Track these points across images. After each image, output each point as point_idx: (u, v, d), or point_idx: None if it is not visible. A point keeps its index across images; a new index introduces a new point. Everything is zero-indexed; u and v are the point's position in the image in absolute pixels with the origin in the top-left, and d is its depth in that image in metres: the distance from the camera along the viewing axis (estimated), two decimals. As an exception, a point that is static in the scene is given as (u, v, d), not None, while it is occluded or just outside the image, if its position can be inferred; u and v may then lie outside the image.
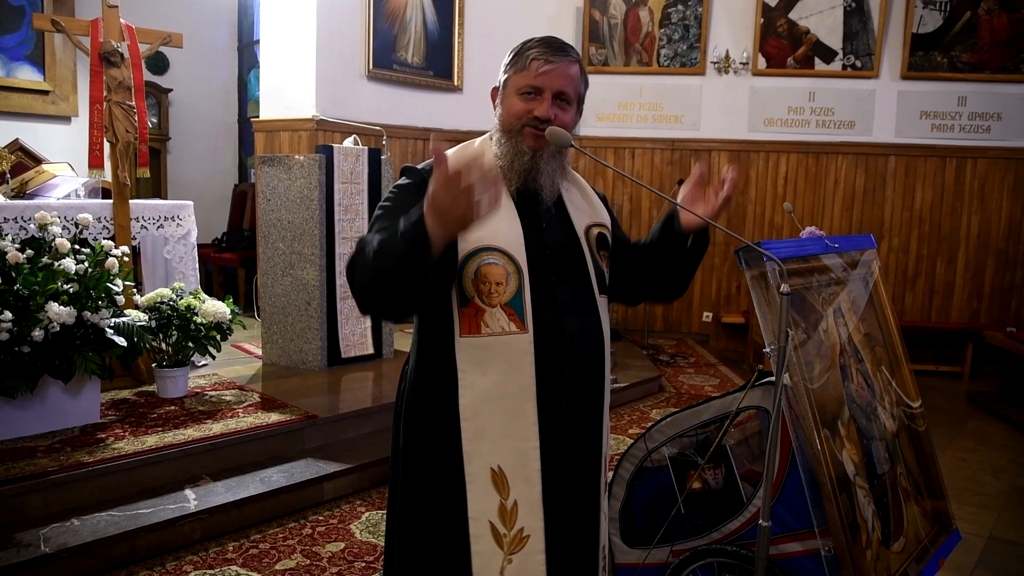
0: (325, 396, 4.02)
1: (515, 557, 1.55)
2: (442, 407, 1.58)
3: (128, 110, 3.90)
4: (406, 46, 6.04)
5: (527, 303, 1.54)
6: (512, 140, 1.59)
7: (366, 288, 1.44)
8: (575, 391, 1.61)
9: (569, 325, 1.59)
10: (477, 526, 1.56)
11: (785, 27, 6.34)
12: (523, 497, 1.55)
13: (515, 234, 1.56)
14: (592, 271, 1.66)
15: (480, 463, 1.55)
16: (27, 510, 2.77)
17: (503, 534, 1.55)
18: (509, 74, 1.62)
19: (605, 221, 1.76)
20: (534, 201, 1.63)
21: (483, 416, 1.54)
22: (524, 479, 1.55)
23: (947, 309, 6.41)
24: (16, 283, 3.00)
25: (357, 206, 4.59)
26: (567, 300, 1.60)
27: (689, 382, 5.51)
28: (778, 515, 1.93)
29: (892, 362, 2.46)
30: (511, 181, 1.59)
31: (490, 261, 1.53)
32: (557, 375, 1.57)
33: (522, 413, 1.54)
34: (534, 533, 1.56)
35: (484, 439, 1.55)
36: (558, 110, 1.58)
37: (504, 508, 1.55)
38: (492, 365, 1.53)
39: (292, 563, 2.78)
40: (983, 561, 3.03)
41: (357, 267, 1.45)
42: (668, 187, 6.49)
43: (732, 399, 2.05)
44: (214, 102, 7.89)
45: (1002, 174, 6.24)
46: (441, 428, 1.58)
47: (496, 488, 1.55)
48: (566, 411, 1.59)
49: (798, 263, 2.07)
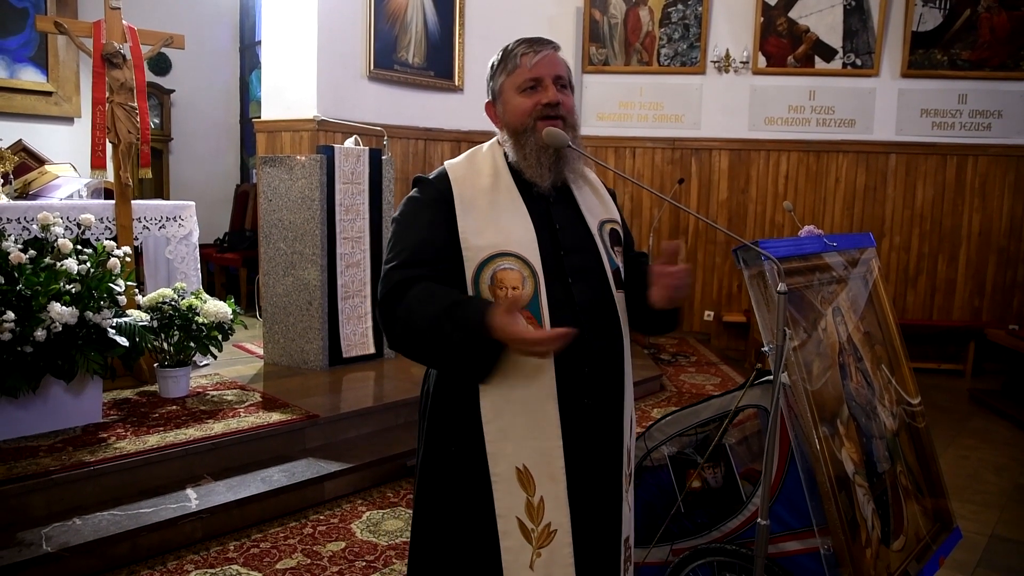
0: (326, 396, 4.03)
1: (543, 551, 1.58)
2: (465, 408, 1.59)
3: (130, 111, 3.91)
4: (407, 46, 6.04)
5: (544, 305, 1.55)
6: (528, 139, 1.60)
7: (412, 348, 1.55)
8: (596, 389, 1.62)
9: (587, 324, 1.60)
10: (505, 523, 1.58)
11: (785, 26, 6.33)
12: (549, 493, 1.58)
13: (528, 238, 1.57)
14: (608, 268, 1.66)
15: (505, 463, 1.57)
16: (29, 509, 2.78)
17: (531, 529, 1.58)
18: (501, 79, 1.64)
19: (616, 216, 1.77)
20: (545, 202, 1.64)
21: (505, 417, 1.56)
22: (549, 476, 1.57)
23: (949, 307, 6.40)
24: (19, 283, 3.01)
25: (358, 206, 4.59)
26: (584, 299, 1.61)
27: (690, 381, 5.52)
28: (777, 514, 1.93)
29: (892, 360, 2.46)
30: (544, 177, 1.61)
31: (505, 266, 1.55)
32: (577, 374, 1.58)
33: (544, 414, 1.56)
34: (561, 527, 1.58)
35: (508, 440, 1.57)
36: (561, 94, 1.61)
37: (531, 504, 1.58)
38: (513, 369, 1.54)
39: (293, 562, 2.79)
40: (985, 560, 3.02)
41: (398, 328, 1.54)
42: (669, 186, 6.49)
43: (731, 398, 2.06)
44: (216, 103, 7.90)
45: (1003, 171, 6.23)
46: (464, 428, 1.59)
47: (522, 486, 1.57)
48: (587, 408, 1.61)
49: (798, 262, 2.08)
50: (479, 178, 1.63)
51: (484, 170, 1.65)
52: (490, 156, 1.68)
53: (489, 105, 1.69)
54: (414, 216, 1.61)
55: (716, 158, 6.62)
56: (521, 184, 1.64)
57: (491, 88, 1.68)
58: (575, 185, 1.70)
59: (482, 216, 1.58)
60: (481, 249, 1.55)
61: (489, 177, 1.63)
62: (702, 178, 6.66)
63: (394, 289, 1.54)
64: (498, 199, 1.61)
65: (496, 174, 1.64)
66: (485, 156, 1.68)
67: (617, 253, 1.72)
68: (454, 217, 1.57)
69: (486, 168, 1.65)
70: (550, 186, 1.62)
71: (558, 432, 1.57)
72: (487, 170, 1.65)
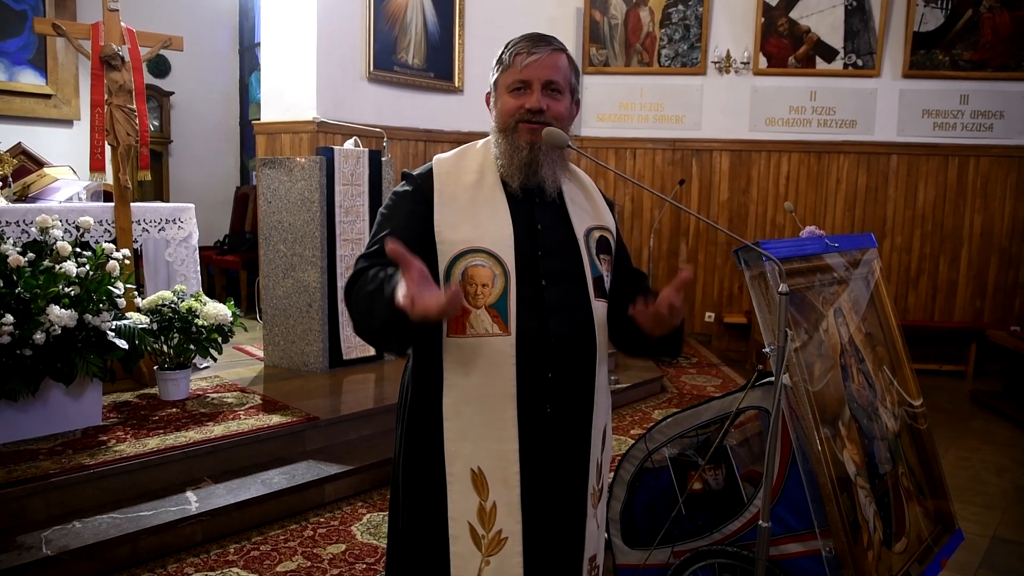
0: (326, 398, 4.02)
1: (493, 559, 1.55)
2: (431, 407, 1.58)
3: (129, 113, 3.90)
4: (406, 48, 6.03)
5: (511, 305, 1.53)
6: (509, 138, 1.59)
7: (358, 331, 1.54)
8: (559, 396, 1.59)
9: (554, 327, 1.56)
10: (456, 527, 1.56)
11: (786, 26, 6.33)
12: (502, 499, 1.55)
13: (504, 235, 1.55)
14: (589, 274, 1.63)
15: (461, 464, 1.55)
16: (29, 513, 2.77)
17: (481, 535, 1.55)
18: (497, 75, 1.62)
19: (609, 225, 1.73)
20: (531, 202, 1.62)
21: (465, 417, 1.55)
22: (503, 481, 1.55)
23: (950, 308, 6.39)
24: (17, 286, 3.01)
25: (358, 208, 4.59)
26: (556, 302, 1.58)
27: (691, 382, 5.50)
28: (779, 516, 1.92)
29: (893, 361, 2.45)
30: (513, 178, 1.59)
31: (476, 263, 1.53)
32: (539, 378, 1.55)
33: (502, 415, 1.54)
34: (512, 536, 1.55)
35: (466, 440, 1.55)
36: (550, 100, 1.57)
37: (483, 509, 1.55)
38: (475, 366, 1.53)
39: (293, 565, 2.78)
40: (987, 561, 3.01)
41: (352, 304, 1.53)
42: (669, 187, 6.48)
43: (732, 399, 2.05)
44: (215, 105, 7.90)
45: (1005, 172, 6.22)
46: (429, 428, 1.58)
47: (476, 489, 1.55)
48: (549, 415, 1.58)
49: (799, 263, 2.07)
50: (464, 174, 1.62)
51: (471, 166, 1.64)
52: (481, 153, 1.66)
53: (488, 97, 1.68)
54: (393, 209, 1.62)
55: (717, 159, 6.61)
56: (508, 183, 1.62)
57: (491, 81, 1.67)
58: (567, 189, 1.68)
59: (460, 211, 1.56)
60: (455, 244, 1.53)
61: (475, 173, 1.62)
62: (703, 179, 6.65)
63: (353, 276, 1.54)
64: (479, 196, 1.59)
65: (482, 171, 1.62)
66: (476, 152, 1.67)
67: (603, 261, 1.68)
68: (432, 211, 1.57)
69: (474, 164, 1.64)
70: (519, 187, 1.59)
71: (515, 435, 1.54)
72: (474, 166, 1.63)
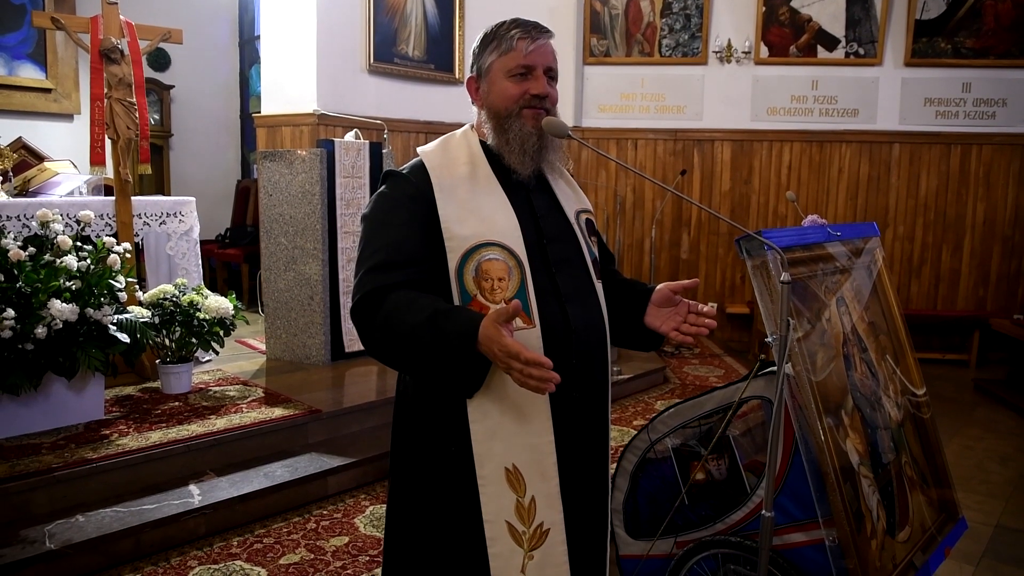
0: (329, 391, 4.02)
1: (536, 552, 1.53)
2: (446, 407, 1.54)
3: (129, 107, 3.89)
4: (407, 39, 6.01)
5: (531, 296, 1.50)
6: (511, 124, 1.55)
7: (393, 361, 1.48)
8: (583, 381, 1.59)
9: (573, 315, 1.56)
10: (493, 528, 1.52)
11: (787, 15, 6.29)
12: (540, 492, 1.53)
13: (511, 226, 1.53)
14: (588, 257, 1.64)
15: (493, 465, 1.51)
16: (32, 507, 2.78)
17: (522, 532, 1.52)
18: (492, 58, 1.58)
19: (589, 206, 1.75)
20: (525, 190, 1.61)
21: (494, 416, 1.50)
22: (540, 474, 1.53)
23: (953, 297, 6.37)
24: (19, 280, 3.00)
25: (359, 200, 4.58)
26: (568, 289, 1.57)
27: (694, 373, 5.50)
28: (782, 505, 1.92)
29: (896, 350, 2.45)
30: (525, 165, 1.56)
31: (490, 257, 1.49)
32: (566, 366, 1.51)
33: (535, 408, 1.51)
34: (554, 526, 1.54)
35: (496, 439, 1.50)
36: (550, 87, 1.57)
37: (521, 506, 1.52)
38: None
39: (296, 557, 2.78)
40: (991, 550, 3.01)
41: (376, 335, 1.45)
42: (671, 178, 6.46)
43: (735, 389, 2.04)
44: (216, 98, 7.89)
45: (1007, 160, 6.19)
46: (444, 429, 1.54)
47: (512, 487, 1.52)
48: (576, 402, 1.57)
49: (801, 252, 2.06)
50: (456, 166, 1.57)
51: (460, 157, 1.59)
52: (465, 142, 1.62)
53: (472, 81, 1.63)
54: (387, 214, 1.53)
55: (719, 149, 6.59)
56: (499, 171, 1.58)
57: (478, 64, 1.61)
58: (551, 175, 1.67)
59: (463, 205, 1.52)
60: (465, 239, 1.48)
61: (466, 165, 1.58)
62: (704, 169, 6.63)
63: (369, 296, 1.45)
64: (477, 187, 1.55)
65: (473, 161, 1.58)
66: (459, 142, 1.62)
67: (593, 243, 1.69)
68: (432, 212, 1.50)
69: (462, 155, 1.59)
70: (530, 174, 1.58)
71: (549, 427, 1.52)
72: (463, 157, 1.59)
